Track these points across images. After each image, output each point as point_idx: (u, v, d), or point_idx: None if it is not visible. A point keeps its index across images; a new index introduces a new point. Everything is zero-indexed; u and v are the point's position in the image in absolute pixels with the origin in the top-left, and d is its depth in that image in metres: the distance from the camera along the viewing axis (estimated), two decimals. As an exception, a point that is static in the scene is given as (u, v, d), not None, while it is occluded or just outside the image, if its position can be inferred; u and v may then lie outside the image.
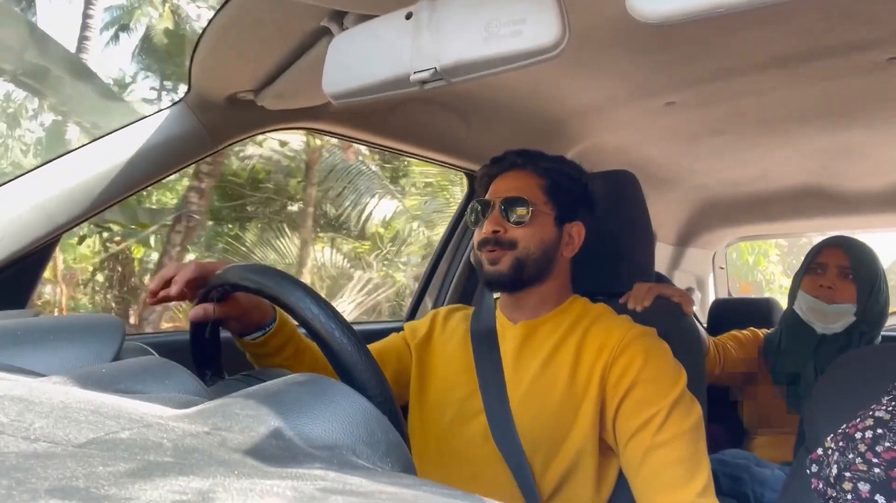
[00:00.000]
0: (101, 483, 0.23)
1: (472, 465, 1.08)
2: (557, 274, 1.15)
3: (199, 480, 0.24)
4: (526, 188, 1.12)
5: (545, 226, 1.12)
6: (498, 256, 1.09)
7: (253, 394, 0.39)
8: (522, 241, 1.09)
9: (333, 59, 0.77)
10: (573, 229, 1.16)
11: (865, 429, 0.91)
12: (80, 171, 1.05)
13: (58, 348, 0.59)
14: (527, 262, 1.10)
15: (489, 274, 1.11)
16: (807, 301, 1.68)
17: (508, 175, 1.16)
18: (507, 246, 1.09)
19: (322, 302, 0.70)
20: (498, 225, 1.10)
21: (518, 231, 1.10)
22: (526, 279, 1.11)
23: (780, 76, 1.37)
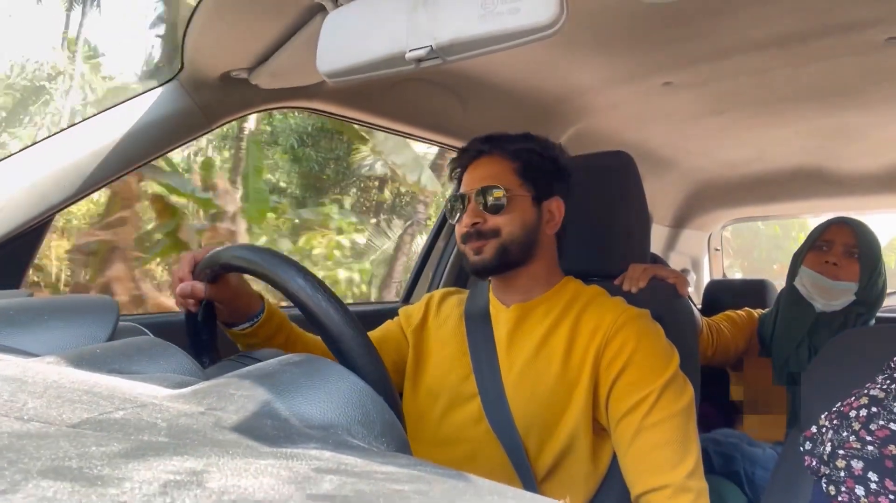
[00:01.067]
0: (95, 463, 0.23)
1: (467, 446, 1.08)
2: (543, 253, 1.15)
3: (193, 460, 0.24)
4: (499, 174, 1.11)
5: (524, 208, 1.11)
6: (481, 246, 1.09)
7: (248, 374, 0.39)
8: (504, 227, 1.09)
9: (328, 36, 0.76)
10: (552, 205, 1.15)
11: (860, 407, 0.92)
12: (72, 150, 1.04)
13: (52, 328, 0.58)
14: (510, 247, 1.09)
15: (475, 263, 1.10)
16: (810, 276, 1.68)
17: (479, 164, 1.14)
18: (490, 235, 1.09)
19: (317, 282, 0.70)
20: (477, 216, 1.09)
21: (498, 219, 1.09)
22: (511, 262, 1.11)
23: (777, 56, 1.36)
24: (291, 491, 0.22)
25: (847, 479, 0.87)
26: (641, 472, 0.97)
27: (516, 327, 1.12)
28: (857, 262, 1.65)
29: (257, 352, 0.79)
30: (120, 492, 0.20)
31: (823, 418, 0.97)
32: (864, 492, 0.85)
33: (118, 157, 1.09)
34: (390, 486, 0.23)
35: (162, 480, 0.21)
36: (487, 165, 1.13)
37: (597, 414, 1.05)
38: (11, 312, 0.60)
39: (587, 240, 1.22)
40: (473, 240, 1.09)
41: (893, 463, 0.84)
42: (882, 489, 0.84)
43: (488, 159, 1.13)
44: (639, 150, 2.05)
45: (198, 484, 0.21)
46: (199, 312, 0.89)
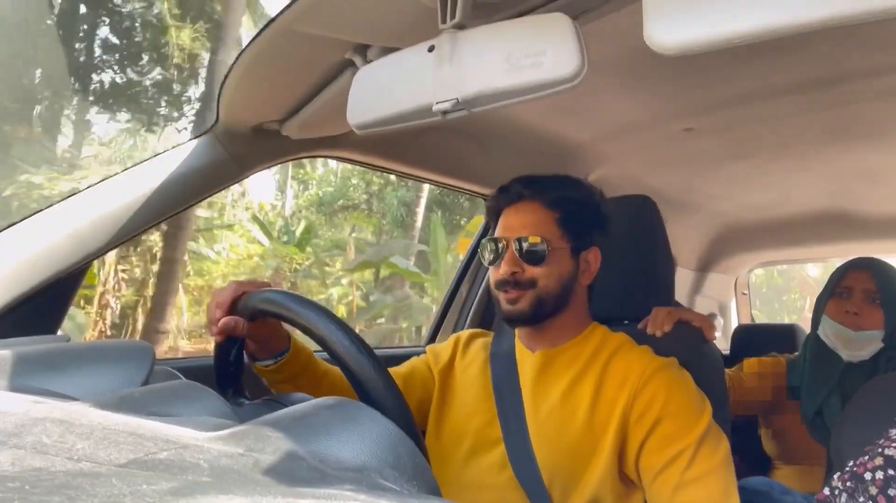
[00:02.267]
0: (147, 500, 0.24)
1: (491, 494, 1.07)
2: (575, 302, 1.13)
3: (238, 498, 0.25)
4: (539, 224, 1.08)
5: (562, 260, 1.09)
6: (517, 297, 1.07)
7: (283, 416, 0.40)
8: (541, 279, 1.07)
9: (358, 90, 0.79)
10: (589, 256, 1.13)
11: (875, 468, 0.87)
12: (110, 199, 1.09)
13: (90, 373, 0.60)
14: (546, 299, 1.08)
15: (508, 313, 1.09)
16: (832, 327, 1.64)
17: (519, 209, 1.11)
18: (527, 286, 1.07)
19: (344, 327, 0.72)
20: (514, 265, 1.07)
21: (536, 270, 1.07)
22: (545, 314, 1.09)
23: (798, 101, 1.37)
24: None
25: None
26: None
27: (541, 373, 1.11)
28: (879, 309, 1.59)
29: (286, 397, 0.80)
30: (173, 528, 0.21)
31: (836, 479, 0.92)
32: None
33: (153, 207, 1.13)
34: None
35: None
36: (528, 212, 1.10)
37: (624, 467, 1.02)
38: (51, 357, 0.62)
39: (611, 284, 1.22)
40: (510, 288, 1.07)
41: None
42: None
43: (528, 205, 1.10)
44: (661, 194, 2.06)
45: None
46: (234, 349, 0.90)
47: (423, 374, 1.23)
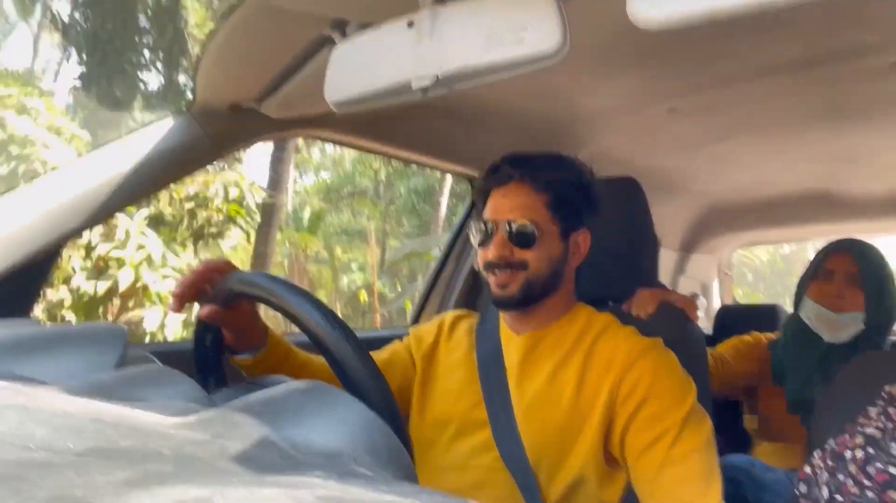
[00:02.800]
0: (100, 492, 0.23)
1: (475, 474, 1.07)
2: (564, 284, 1.13)
3: (197, 489, 0.24)
4: (529, 207, 1.07)
5: (552, 243, 1.08)
6: (507, 280, 1.06)
7: (254, 401, 0.39)
8: (532, 262, 1.06)
9: (336, 67, 0.77)
10: (579, 237, 1.13)
11: (855, 447, 0.88)
12: (84, 179, 1.06)
13: (60, 357, 0.59)
14: (536, 283, 1.07)
15: (498, 296, 1.08)
16: (814, 309, 1.65)
17: (509, 191, 1.09)
18: (517, 267, 1.06)
19: (324, 309, 0.70)
20: (504, 248, 1.06)
21: (526, 253, 1.06)
22: (535, 297, 1.09)
23: (782, 81, 1.37)
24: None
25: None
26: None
27: (527, 356, 1.11)
28: (861, 290, 1.60)
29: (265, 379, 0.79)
30: (124, 522, 0.20)
31: (818, 457, 0.93)
32: None
33: (129, 187, 1.10)
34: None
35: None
36: (517, 195, 1.08)
37: (609, 446, 1.03)
38: (21, 341, 0.60)
39: (595, 265, 1.22)
40: (500, 270, 1.06)
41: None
42: None
43: (518, 188, 1.08)
44: (645, 174, 2.04)
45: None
46: (209, 337, 0.89)
47: (403, 360, 1.22)
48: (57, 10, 10.81)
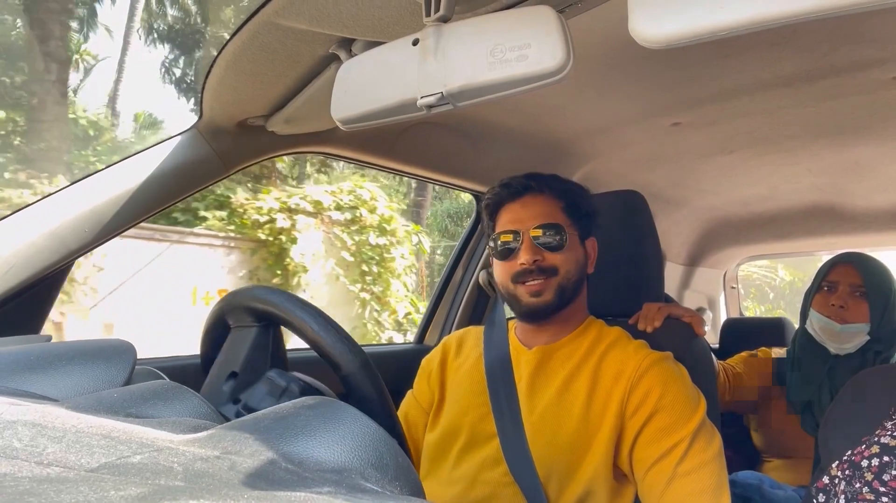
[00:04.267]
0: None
1: (484, 488, 1.07)
2: (581, 294, 1.16)
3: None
4: (552, 213, 1.10)
5: (576, 247, 1.11)
6: (541, 287, 1.07)
7: (262, 417, 0.39)
8: (562, 266, 1.08)
9: (342, 84, 0.78)
10: (590, 245, 1.16)
11: (871, 456, 0.89)
12: (92, 197, 1.07)
13: (70, 373, 0.59)
14: (568, 287, 1.09)
15: (532, 306, 1.08)
16: (819, 321, 1.65)
17: (526, 201, 1.12)
18: (550, 272, 1.08)
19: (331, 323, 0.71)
20: (535, 253, 1.08)
21: (557, 257, 1.08)
22: (566, 303, 1.10)
23: (785, 95, 1.37)
24: (305, 535, 0.22)
25: None
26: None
27: (538, 370, 1.11)
28: (864, 302, 1.61)
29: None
30: (138, 536, 0.21)
31: (835, 467, 0.94)
32: None
33: (137, 204, 1.11)
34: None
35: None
36: (537, 203, 1.11)
37: (618, 460, 1.02)
38: (31, 358, 0.61)
39: (601, 279, 1.22)
40: (533, 276, 1.08)
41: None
42: None
43: (536, 197, 1.12)
44: (650, 189, 2.06)
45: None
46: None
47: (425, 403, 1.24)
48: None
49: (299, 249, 6.21)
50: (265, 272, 6.17)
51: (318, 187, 6.85)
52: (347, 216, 6.60)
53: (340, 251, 6.57)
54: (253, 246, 6.17)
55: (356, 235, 6.68)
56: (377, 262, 6.76)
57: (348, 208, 6.62)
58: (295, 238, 6.19)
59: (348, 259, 6.59)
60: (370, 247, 6.70)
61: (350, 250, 6.61)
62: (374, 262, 6.72)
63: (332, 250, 6.54)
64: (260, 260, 6.19)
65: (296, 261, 6.18)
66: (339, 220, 6.57)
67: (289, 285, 6.17)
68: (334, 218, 6.56)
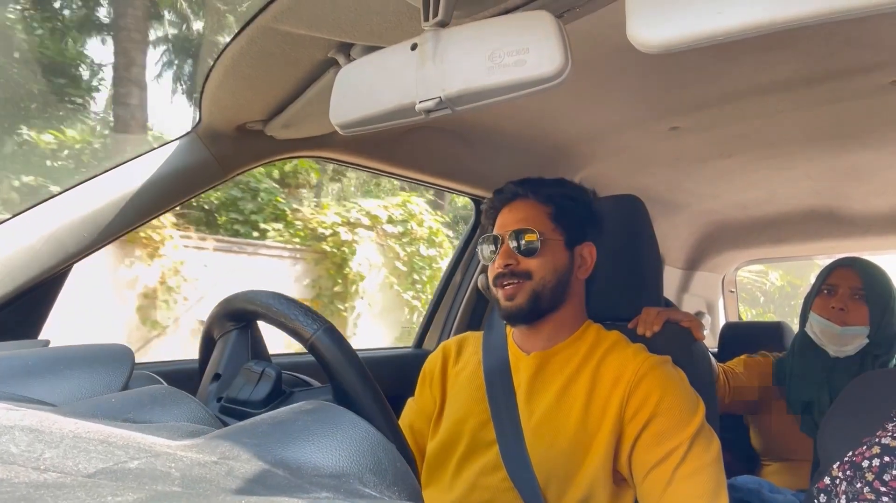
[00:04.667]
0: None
1: (483, 494, 1.07)
2: (573, 297, 1.15)
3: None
4: (532, 218, 1.12)
5: (556, 252, 1.12)
6: (514, 291, 1.09)
7: (260, 422, 0.39)
8: (537, 271, 1.10)
9: (340, 89, 0.78)
10: (584, 250, 1.16)
11: (872, 457, 0.89)
12: (91, 201, 1.07)
13: (68, 378, 0.59)
14: (543, 293, 1.10)
15: (507, 309, 1.11)
16: (818, 323, 1.66)
17: (513, 206, 1.15)
18: (523, 276, 1.09)
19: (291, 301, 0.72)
20: (510, 258, 1.10)
21: (531, 262, 1.10)
22: (543, 309, 1.11)
23: (784, 99, 1.37)
24: (303, 541, 0.22)
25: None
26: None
27: (537, 375, 1.11)
28: (864, 305, 1.62)
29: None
30: (134, 543, 0.20)
31: (836, 468, 0.94)
32: None
33: (136, 208, 1.11)
34: (402, 536, 0.23)
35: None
36: (522, 209, 1.14)
37: (617, 464, 1.02)
38: (29, 363, 0.60)
39: (599, 284, 1.22)
40: (506, 280, 1.10)
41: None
42: None
43: (523, 202, 1.15)
44: (648, 193, 2.06)
45: (211, 534, 0.22)
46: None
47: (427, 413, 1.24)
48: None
49: (357, 260, 6.68)
50: (327, 280, 6.59)
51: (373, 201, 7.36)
52: (399, 229, 7.07)
53: (394, 261, 7.05)
54: (316, 257, 6.61)
55: (407, 247, 7.15)
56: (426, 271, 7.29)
57: (400, 221, 7.09)
58: (354, 249, 6.65)
59: (401, 268, 7.10)
60: (420, 257, 7.22)
61: (402, 260, 7.12)
62: (424, 271, 7.25)
63: (386, 260, 7.01)
64: (323, 269, 6.61)
65: (354, 271, 6.65)
66: (393, 233, 7.03)
67: (348, 292, 6.61)
68: (388, 231, 7.01)
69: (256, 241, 6.39)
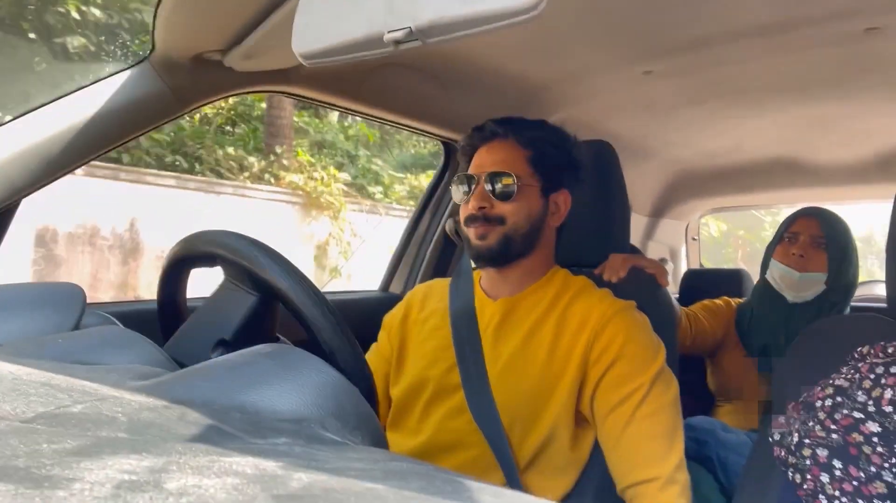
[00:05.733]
0: (44, 462, 0.21)
1: (449, 437, 1.08)
2: (543, 245, 1.14)
3: (152, 458, 0.23)
4: (510, 161, 1.09)
5: (531, 198, 1.09)
6: (486, 232, 1.07)
7: (216, 365, 0.37)
8: (510, 216, 1.07)
9: (303, 16, 0.73)
10: (559, 198, 1.14)
11: (825, 397, 0.92)
12: (37, 132, 1.01)
13: (14, 317, 0.56)
14: (514, 237, 1.08)
15: (477, 248, 1.08)
16: (778, 269, 1.71)
17: (492, 146, 1.11)
18: (495, 221, 1.07)
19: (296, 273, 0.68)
20: (484, 201, 1.07)
21: (505, 206, 1.07)
22: (514, 254, 1.10)
23: (757, 45, 1.36)
24: (256, 491, 0.20)
25: (812, 467, 0.88)
26: (631, 464, 0.97)
27: (503, 321, 1.11)
28: (824, 253, 1.67)
29: None
30: (68, 495, 0.19)
31: (791, 408, 0.98)
32: (828, 479, 0.86)
33: (87, 140, 1.05)
34: (363, 484, 0.22)
35: (116, 481, 0.20)
36: (500, 150, 1.10)
37: (580, 405, 1.04)
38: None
39: (568, 229, 1.21)
40: (479, 223, 1.08)
41: (857, 450, 0.85)
42: (846, 476, 0.85)
43: (502, 143, 1.11)
44: (619, 139, 2.03)
45: (154, 484, 0.20)
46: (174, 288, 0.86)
47: (385, 356, 1.23)
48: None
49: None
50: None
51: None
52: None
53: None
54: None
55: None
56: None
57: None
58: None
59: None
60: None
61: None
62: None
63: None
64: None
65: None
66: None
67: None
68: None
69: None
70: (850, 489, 0.84)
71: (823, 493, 0.86)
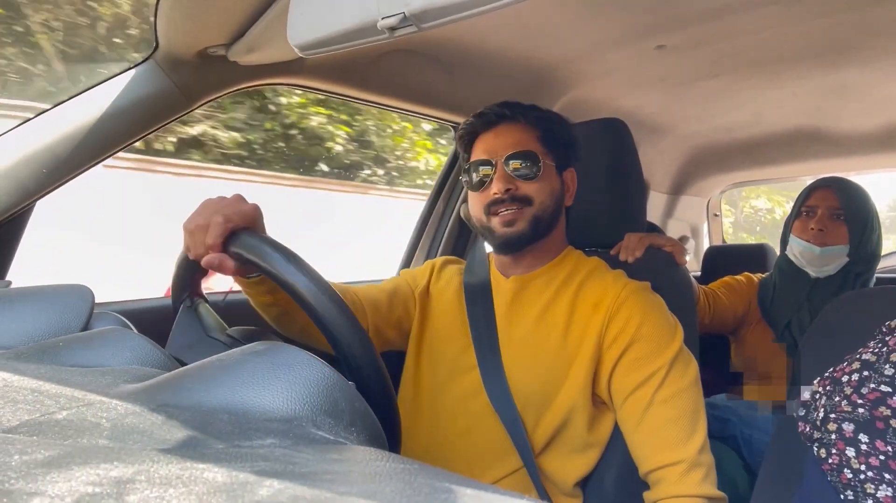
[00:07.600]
0: (10, 475, 0.21)
1: (465, 420, 1.07)
2: (558, 224, 1.13)
3: (123, 467, 0.22)
4: (525, 141, 1.07)
5: (551, 177, 1.09)
6: (514, 217, 1.05)
7: (207, 366, 0.37)
8: (537, 195, 1.06)
9: (298, 7, 0.72)
10: (568, 176, 1.13)
11: (852, 372, 0.91)
12: (46, 135, 1.01)
13: (26, 320, 0.57)
14: (542, 217, 1.07)
15: (506, 236, 1.06)
16: (798, 245, 1.66)
17: (500, 130, 1.09)
18: (523, 201, 1.05)
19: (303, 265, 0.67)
20: (509, 183, 1.05)
21: (531, 186, 1.05)
22: (541, 234, 1.08)
23: (772, 14, 1.31)
24: (221, 501, 0.20)
25: (838, 442, 0.87)
26: (652, 449, 0.96)
27: (515, 299, 1.10)
28: (843, 224, 1.62)
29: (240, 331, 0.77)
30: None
31: (817, 384, 0.96)
32: (854, 454, 0.85)
33: (97, 141, 1.06)
34: (336, 488, 0.22)
35: (77, 494, 0.20)
36: (512, 132, 1.08)
37: (597, 388, 1.03)
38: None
39: (583, 210, 1.19)
40: (505, 206, 1.05)
41: (884, 424, 0.84)
42: (872, 450, 0.83)
43: (511, 126, 1.09)
44: (633, 116, 2.01)
45: (116, 497, 0.20)
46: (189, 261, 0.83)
47: (405, 293, 1.21)
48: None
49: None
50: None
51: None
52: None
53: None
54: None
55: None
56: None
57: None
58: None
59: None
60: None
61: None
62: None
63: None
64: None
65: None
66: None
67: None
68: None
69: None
70: (876, 464, 0.83)
71: (849, 467, 0.85)
